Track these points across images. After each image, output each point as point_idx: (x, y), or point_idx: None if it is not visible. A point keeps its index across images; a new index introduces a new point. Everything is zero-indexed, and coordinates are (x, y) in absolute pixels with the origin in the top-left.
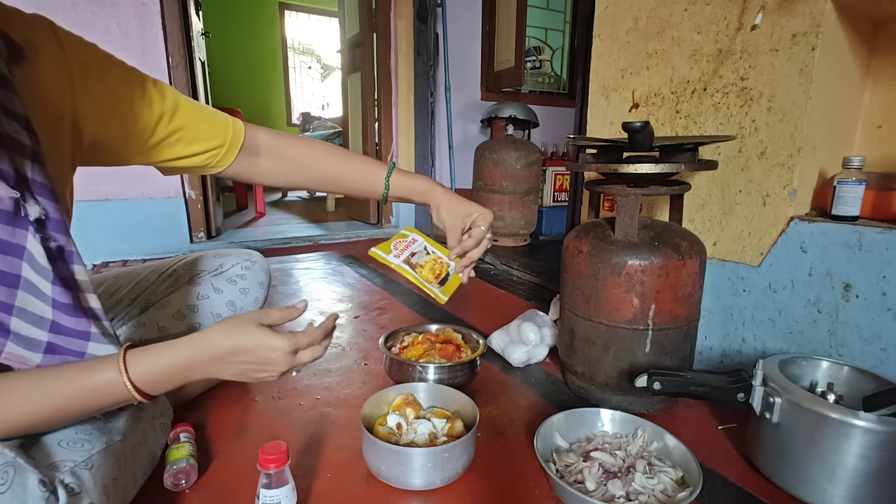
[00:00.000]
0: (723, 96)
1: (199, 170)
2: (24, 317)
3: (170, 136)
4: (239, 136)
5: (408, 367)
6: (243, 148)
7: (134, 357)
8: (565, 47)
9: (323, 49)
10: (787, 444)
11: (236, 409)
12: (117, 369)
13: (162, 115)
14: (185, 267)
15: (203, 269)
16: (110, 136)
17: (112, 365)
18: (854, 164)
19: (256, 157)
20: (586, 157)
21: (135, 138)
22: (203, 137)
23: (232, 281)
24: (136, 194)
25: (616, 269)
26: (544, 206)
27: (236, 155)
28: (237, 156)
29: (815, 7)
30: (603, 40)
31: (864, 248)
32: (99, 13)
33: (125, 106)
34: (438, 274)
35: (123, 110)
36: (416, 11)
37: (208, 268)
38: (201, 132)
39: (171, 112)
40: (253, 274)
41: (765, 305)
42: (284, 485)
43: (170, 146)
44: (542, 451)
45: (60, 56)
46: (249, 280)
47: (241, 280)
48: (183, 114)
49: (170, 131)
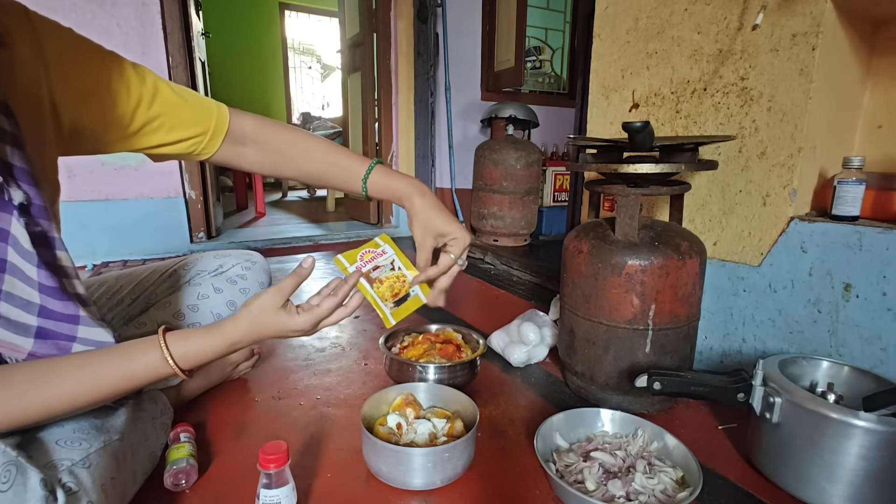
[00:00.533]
0: (723, 96)
1: (185, 157)
2: (12, 301)
3: (150, 122)
4: (223, 123)
5: (408, 367)
6: (228, 135)
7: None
8: (565, 47)
9: (323, 49)
10: (788, 444)
11: (236, 409)
12: (160, 353)
13: (140, 99)
14: (186, 267)
15: (203, 270)
16: (89, 122)
17: (154, 348)
18: (854, 164)
19: (243, 145)
20: (586, 157)
21: (114, 124)
22: (185, 124)
23: (232, 281)
24: (136, 194)
25: (616, 269)
26: (544, 206)
27: (221, 142)
28: (222, 143)
29: (815, 7)
30: (603, 40)
31: (864, 248)
32: (99, 13)
33: (102, 89)
34: (396, 293)
35: (101, 93)
36: (416, 11)
37: (208, 268)
38: (183, 119)
39: (150, 96)
40: (253, 274)
41: (765, 305)
42: (284, 485)
43: (151, 133)
44: (542, 451)
45: (36, 41)
46: (250, 280)
47: (241, 280)
48: (163, 99)
49: (150, 117)
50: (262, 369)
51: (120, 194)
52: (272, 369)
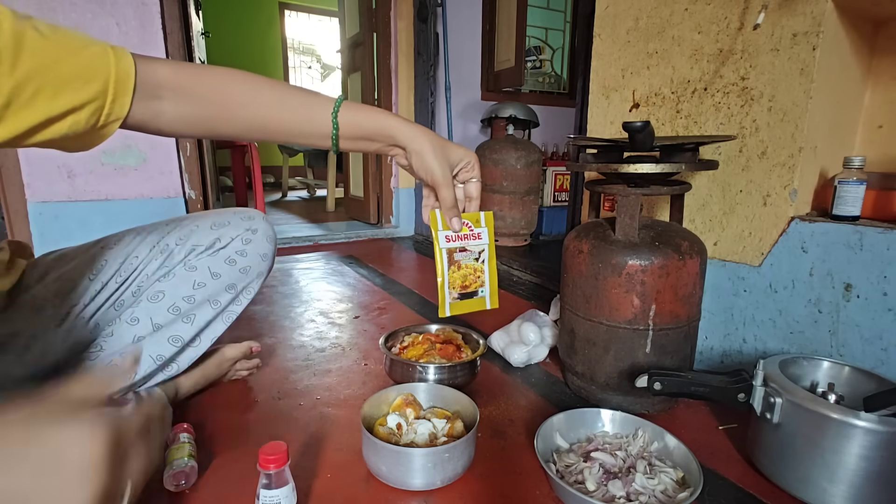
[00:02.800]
0: (723, 96)
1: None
2: None
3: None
4: (127, 71)
5: (408, 368)
6: (138, 88)
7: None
8: (565, 47)
9: (323, 49)
10: (788, 444)
11: (236, 409)
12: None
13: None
14: (179, 240)
15: (199, 245)
16: None
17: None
18: (855, 163)
19: (158, 98)
20: (587, 157)
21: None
22: (73, 82)
23: (231, 261)
24: (136, 194)
25: (616, 269)
26: (544, 206)
27: (131, 101)
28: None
29: (815, 7)
30: (603, 40)
31: (864, 248)
32: (99, 13)
33: None
34: (466, 286)
35: None
36: (416, 11)
37: (204, 242)
38: (68, 74)
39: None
40: (254, 247)
41: (765, 305)
42: (284, 485)
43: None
44: (542, 451)
45: None
46: (250, 255)
47: (240, 258)
48: (33, 50)
49: (18, 81)
50: (262, 369)
51: (120, 194)
52: (272, 369)
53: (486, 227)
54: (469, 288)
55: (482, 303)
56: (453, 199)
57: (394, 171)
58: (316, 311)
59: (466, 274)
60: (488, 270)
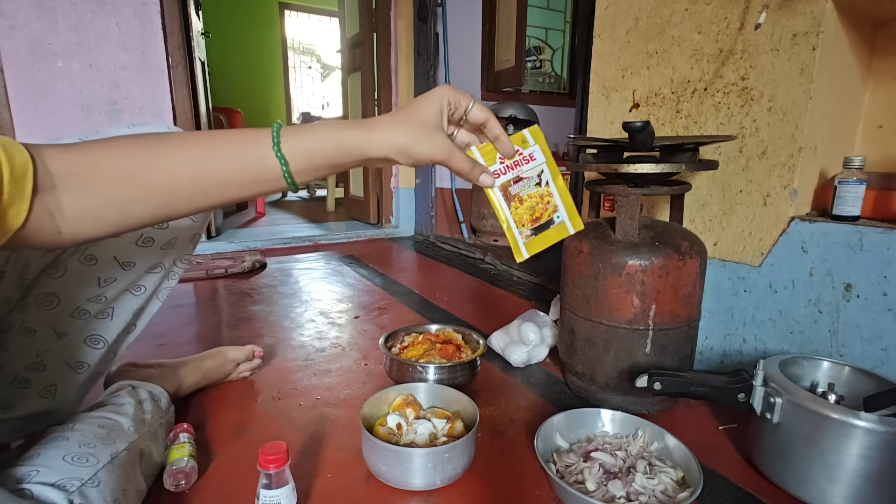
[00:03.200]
0: (723, 96)
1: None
2: None
3: None
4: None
5: (408, 368)
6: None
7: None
8: (565, 47)
9: (323, 49)
10: (788, 444)
11: (236, 409)
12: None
13: None
14: None
15: None
16: None
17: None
18: (855, 164)
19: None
20: (587, 157)
21: None
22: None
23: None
24: None
25: (616, 269)
26: None
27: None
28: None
29: (815, 7)
30: (603, 40)
31: (864, 249)
32: (99, 13)
33: None
34: (537, 217)
35: None
36: (416, 11)
37: None
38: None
39: None
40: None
41: (765, 306)
42: (284, 485)
43: None
44: (542, 451)
45: None
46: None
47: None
48: None
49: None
50: (261, 369)
51: None
52: (272, 369)
53: (536, 143)
54: (541, 219)
55: (563, 230)
56: (467, 161)
57: (394, 171)
58: (316, 311)
59: (533, 205)
60: (557, 190)
